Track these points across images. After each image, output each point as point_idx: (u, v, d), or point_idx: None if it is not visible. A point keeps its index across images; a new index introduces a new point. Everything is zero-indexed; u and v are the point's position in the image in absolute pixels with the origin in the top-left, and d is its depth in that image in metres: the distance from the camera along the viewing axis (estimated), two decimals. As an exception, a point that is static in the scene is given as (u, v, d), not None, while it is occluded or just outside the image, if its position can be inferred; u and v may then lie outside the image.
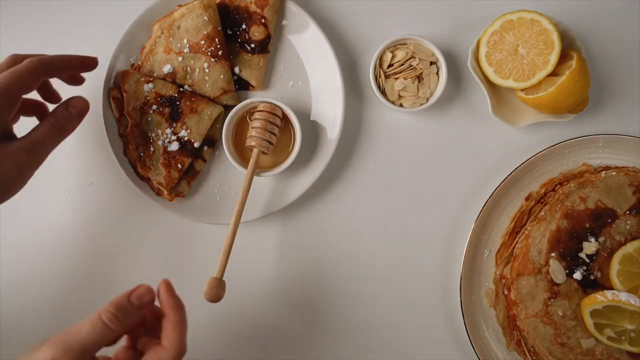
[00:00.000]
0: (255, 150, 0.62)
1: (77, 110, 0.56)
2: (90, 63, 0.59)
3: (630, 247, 0.60)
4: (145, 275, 0.67)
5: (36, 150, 0.53)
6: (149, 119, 0.64)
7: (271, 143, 0.63)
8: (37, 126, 0.55)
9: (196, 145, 0.64)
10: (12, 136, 0.54)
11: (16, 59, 0.55)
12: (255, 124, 0.63)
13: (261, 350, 0.67)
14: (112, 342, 0.46)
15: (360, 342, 0.67)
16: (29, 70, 0.52)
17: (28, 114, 0.60)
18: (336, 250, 0.68)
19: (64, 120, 0.55)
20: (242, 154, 0.65)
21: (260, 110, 0.63)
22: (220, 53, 0.64)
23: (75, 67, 0.58)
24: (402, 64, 0.66)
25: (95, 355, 0.45)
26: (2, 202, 0.53)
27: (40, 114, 0.61)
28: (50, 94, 0.61)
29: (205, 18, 0.63)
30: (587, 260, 0.61)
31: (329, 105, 0.66)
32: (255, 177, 0.66)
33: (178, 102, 0.64)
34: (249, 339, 0.67)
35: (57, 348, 0.42)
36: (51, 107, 0.60)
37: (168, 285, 0.49)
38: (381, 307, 0.67)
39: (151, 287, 0.48)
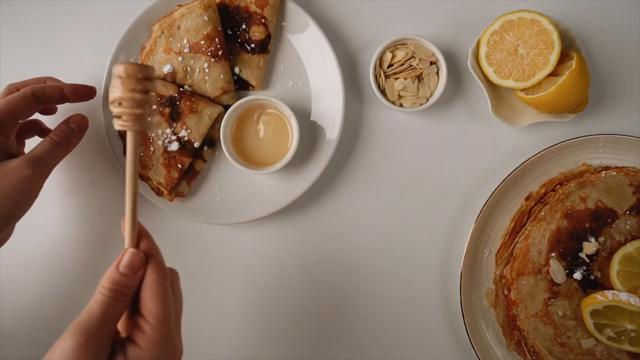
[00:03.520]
0: (129, 134, 0.45)
1: (77, 126, 0.59)
2: (85, 93, 0.61)
3: (630, 247, 0.60)
4: (145, 275, 0.68)
5: (38, 163, 0.55)
6: (149, 119, 0.64)
7: (147, 115, 0.45)
8: (40, 142, 0.57)
9: (196, 145, 0.64)
10: (16, 156, 0.56)
11: (11, 89, 0.58)
12: (116, 93, 0.44)
13: (259, 349, 0.67)
14: (125, 308, 0.44)
15: (359, 341, 0.67)
16: (23, 100, 0.55)
17: (28, 135, 0.62)
18: (336, 250, 0.68)
19: (65, 135, 0.58)
20: (242, 153, 0.65)
21: (119, 76, 0.44)
22: (220, 53, 0.64)
23: (70, 97, 0.59)
24: (402, 64, 0.66)
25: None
26: (15, 219, 0.56)
27: (40, 131, 0.63)
28: (48, 109, 0.63)
29: (205, 18, 0.63)
30: (587, 260, 0.61)
31: (329, 105, 0.66)
32: (253, 176, 0.66)
33: (178, 102, 0.64)
34: (248, 337, 0.67)
35: (76, 334, 0.41)
36: (47, 124, 0.64)
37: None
38: (381, 306, 0.67)
39: (138, 251, 0.45)
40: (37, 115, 0.62)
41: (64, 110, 0.65)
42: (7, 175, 0.53)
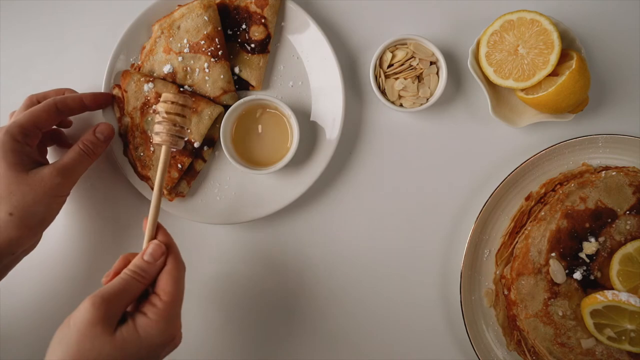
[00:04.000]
0: (164, 148, 0.56)
1: (103, 135, 0.62)
2: (104, 100, 0.64)
3: (630, 247, 0.60)
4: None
5: (67, 172, 0.58)
6: (149, 119, 0.64)
7: (181, 137, 0.57)
8: (68, 151, 0.60)
9: (196, 145, 0.64)
10: (43, 163, 0.58)
11: (32, 101, 0.61)
12: (160, 116, 0.56)
13: (259, 349, 0.67)
14: (142, 290, 0.52)
15: (360, 342, 0.67)
16: (46, 111, 0.58)
17: (48, 143, 0.65)
18: (336, 250, 0.68)
19: (92, 145, 0.61)
20: (242, 153, 0.65)
21: (164, 102, 0.56)
22: (220, 53, 0.64)
23: (90, 106, 0.62)
24: (402, 64, 0.66)
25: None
26: (46, 224, 0.58)
27: (59, 140, 0.66)
28: (63, 121, 0.65)
29: (205, 18, 0.63)
30: (587, 260, 0.61)
31: (329, 105, 0.66)
32: (253, 176, 0.66)
33: (178, 102, 0.64)
34: (248, 336, 0.67)
35: (94, 297, 0.48)
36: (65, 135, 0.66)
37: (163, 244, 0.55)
38: (381, 307, 0.67)
39: (160, 243, 0.54)
40: None
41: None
42: (40, 183, 0.56)
